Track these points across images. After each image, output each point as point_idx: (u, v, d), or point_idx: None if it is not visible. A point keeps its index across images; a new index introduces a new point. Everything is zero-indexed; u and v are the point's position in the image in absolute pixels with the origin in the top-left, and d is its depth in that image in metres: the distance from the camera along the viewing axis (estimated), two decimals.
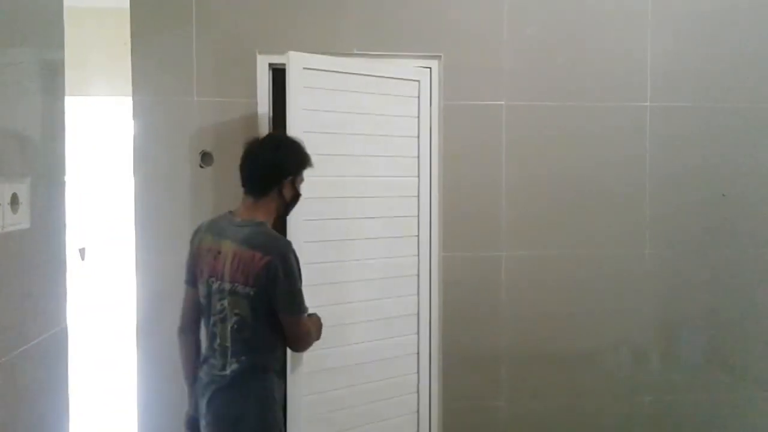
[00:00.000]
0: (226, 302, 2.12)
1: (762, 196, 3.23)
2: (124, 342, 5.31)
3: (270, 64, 2.95)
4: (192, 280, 2.23)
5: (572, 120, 3.02)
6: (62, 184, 1.80)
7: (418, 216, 2.98)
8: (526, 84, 3.06)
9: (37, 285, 1.62)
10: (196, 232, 2.26)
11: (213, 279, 2.14)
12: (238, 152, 2.89)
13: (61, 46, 1.80)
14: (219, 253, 2.14)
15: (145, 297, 2.93)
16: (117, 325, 6.22)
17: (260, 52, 2.94)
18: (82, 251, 7.00)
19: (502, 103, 3.04)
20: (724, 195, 3.17)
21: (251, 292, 2.08)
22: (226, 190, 2.94)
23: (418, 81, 2.97)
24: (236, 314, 2.11)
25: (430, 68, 3.02)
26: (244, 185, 2.22)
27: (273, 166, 2.19)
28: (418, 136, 2.98)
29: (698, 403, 3.20)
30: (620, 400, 3.14)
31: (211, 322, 2.17)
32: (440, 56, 3.01)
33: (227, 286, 2.12)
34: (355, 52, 2.99)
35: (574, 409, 3.05)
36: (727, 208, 3.18)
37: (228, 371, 2.12)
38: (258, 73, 2.94)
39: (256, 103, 2.94)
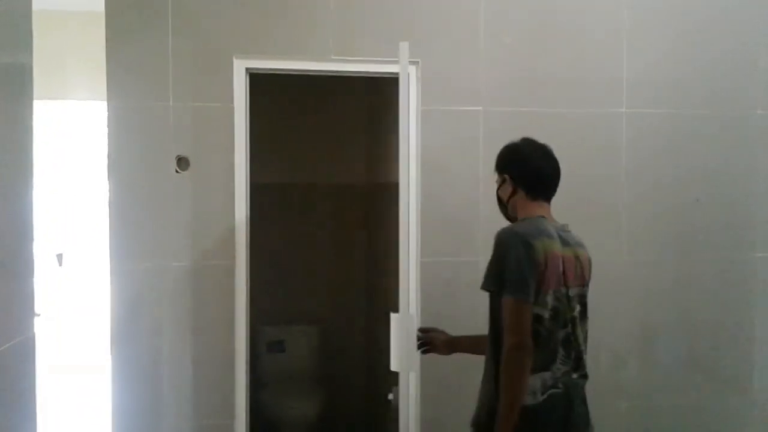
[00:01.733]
0: (578, 307, 2.15)
1: (735, 200, 3.24)
2: (101, 348, 5.23)
3: (247, 69, 2.92)
4: (534, 293, 2.04)
5: (548, 126, 3.01)
6: (29, 188, 1.76)
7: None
8: (503, 90, 3.05)
9: (1, 292, 1.58)
10: (531, 240, 2.06)
11: (565, 287, 2.11)
12: (214, 157, 2.90)
13: (28, 49, 1.76)
14: (571, 259, 2.15)
15: (120, 304, 2.88)
16: (95, 331, 6.12)
17: (237, 57, 2.90)
18: (59, 257, 6.90)
19: (480, 108, 3.03)
20: (698, 200, 3.18)
21: (587, 292, 2.20)
22: (203, 195, 2.91)
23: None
24: (586, 317, 2.18)
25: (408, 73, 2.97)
26: (545, 191, 2.26)
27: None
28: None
29: (675, 406, 3.19)
30: (597, 406, 3.12)
31: (567, 330, 2.11)
32: (418, 62, 2.99)
33: (578, 291, 2.16)
34: (333, 57, 2.96)
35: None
36: (701, 213, 3.19)
37: (586, 372, 2.16)
38: (234, 78, 2.90)
39: (233, 108, 2.90)
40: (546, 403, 2.04)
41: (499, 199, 2.34)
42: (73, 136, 5.67)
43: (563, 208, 2.98)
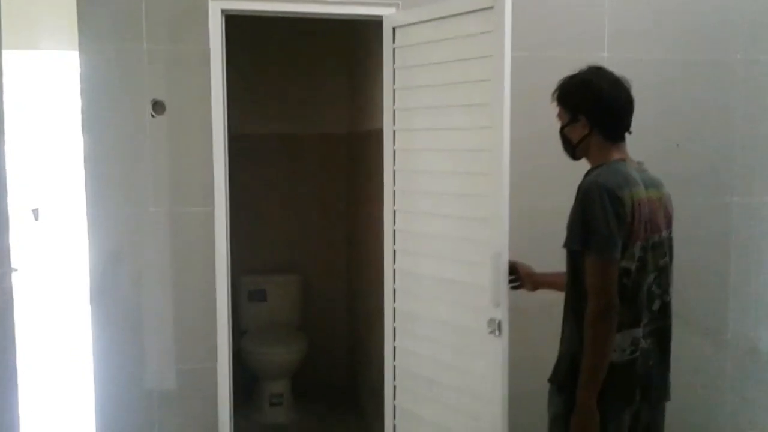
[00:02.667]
0: (667, 255, 2.02)
1: (714, 145, 3.23)
2: (80, 305, 5.17)
3: (222, 10, 2.81)
4: (622, 248, 1.89)
5: (534, 69, 2.93)
6: (1, 142, 1.68)
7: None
8: None
9: None
10: (618, 192, 1.89)
11: (652, 234, 1.96)
12: (190, 102, 2.81)
13: None
14: (656, 202, 2.00)
15: (98, 252, 2.82)
16: (73, 287, 6.05)
17: None
18: (35, 212, 6.77)
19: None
20: (677, 145, 3.16)
21: (672, 233, 2.05)
22: (180, 140, 2.84)
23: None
24: (672, 260, 2.05)
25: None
26: (623, 130, 2.06)
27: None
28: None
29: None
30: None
31: (649, 281, 1.98)
32: (398, 4, 2.90)
33: (665, 234, 2.02)
34: None
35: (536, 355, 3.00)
36: (680, 158, 3.17)
37: (671, 319, 2.06)
38: (210, 19, 2.80)
39: (209, 50, 2.80)
40: (633, 359, 1.96)
41: (566, 139, 2.11)
42: (45, 88, 5.50)
43: (539, 161, 2.94)
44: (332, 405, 4.27)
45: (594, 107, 2.02)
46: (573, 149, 2.11)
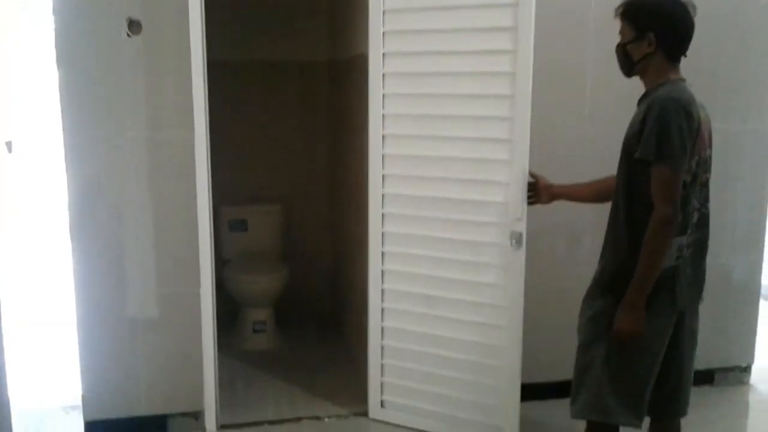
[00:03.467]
0: (709, 171, 2.12)
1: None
2: (58, 239, 5.07)
3: None
4: (687, 159, 2.00)
5: None
6: None
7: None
8: None
9: None
10: (690, 108, 1.98)
11: (703, 151, 2.07)
12: (167, 21, 2.66)
13: None
14: (706, 121, 2.09)
15: (75, 186, 2.73)
16: (49, 222, 5.93)
17: None
18: (8, 144, 6.59)
19: None
20: None
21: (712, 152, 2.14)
22: (157, 61, 2.71)
23: None
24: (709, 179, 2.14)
25: None
26: (684, 52, 2.10)
27: None
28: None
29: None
30: (558, 275, 3.18)
31: (701, 192, 2.10)
32: None
33: (709, 152, 2.11)
34: None
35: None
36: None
37: (708, 234, 2.15)
38: None
39: None
40: (677, 265, 2.06)
41: (626, 56, 2.13)
42: (17, 17, 5.26)
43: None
44: (315, 332, 4.27)
45: (664, 26, 2.05)
46: (631, 66, 2.14)
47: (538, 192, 2.62)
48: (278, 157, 4.27)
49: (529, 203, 2.63)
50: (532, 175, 2.62)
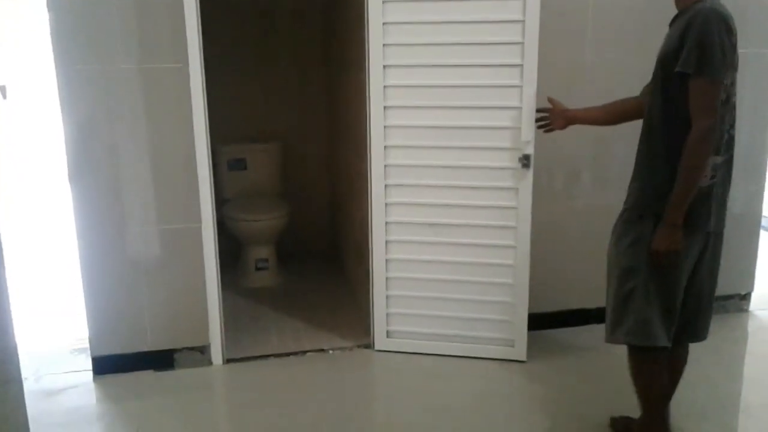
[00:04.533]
0: (736, 93, 2.04)
1: None
2: (57, 182, 4.97)
3: None
4: (726, 73, 1.95)
5: None
6: None
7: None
8: None
9: None
10: (731, 23, 1.92)
11: (735, 70, 2.01)
12: None
13: None
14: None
15: (71, 127, 2.63)
16: (48, 165, 5.82)
17: None
18: (2, 89, 6.40)
19: None
20: None
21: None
22: None
23: None
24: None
25: None
26: None
27: None
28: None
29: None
30: (555, 205, 3.14)
31: (727, 114, 2.01)
32: None
33: (736, 75, 2.02)
34: None
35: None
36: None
37: (733, 156, 2.08)
38: None
39: None
40: (712, 185, 2.01)
41: None
42: None
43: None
44: (317, 267, 4.23)
45: None
46: None
47: (553, 117, 2.58)
48: (275, 96, 4.16)
49: (546, 130, 2.61)
50: (549, 100, 2.58)
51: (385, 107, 2.78)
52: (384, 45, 2.72)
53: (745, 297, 3.47)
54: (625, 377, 2.20)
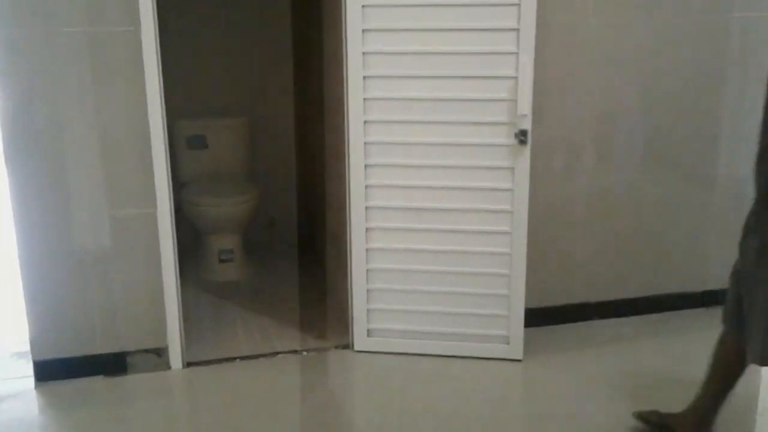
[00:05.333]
0: None
1: None
2: None
3: None
4: None
5: None
6: None
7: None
8: None
9: None
10: None
11: None
12: None
13: None
14: None
15: (8, 99, 2.62)
16: None
17: None
18: None
19: None
20: None
21: None
22: None
23: None
24: None
25: None
26: None
27: None
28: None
29: (630, 187, 3.26)
30: (555, 186, 3.20)
31: None
32: None
33: None
34: None
35: None
36: None
37: None
38: None
39: None
40: None
41: None
42: None
43: None
44: (288, 259, 4.27)
45: None
46: None
47: None
48: (239, 65, 4.17)
49: None
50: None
51: (364, 77, 2.80)
52: (363, 6, 2.73)
53: None
54: (633, 378, 2.21)
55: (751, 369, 2.98)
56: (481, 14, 2.71)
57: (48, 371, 2.84)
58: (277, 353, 3.09)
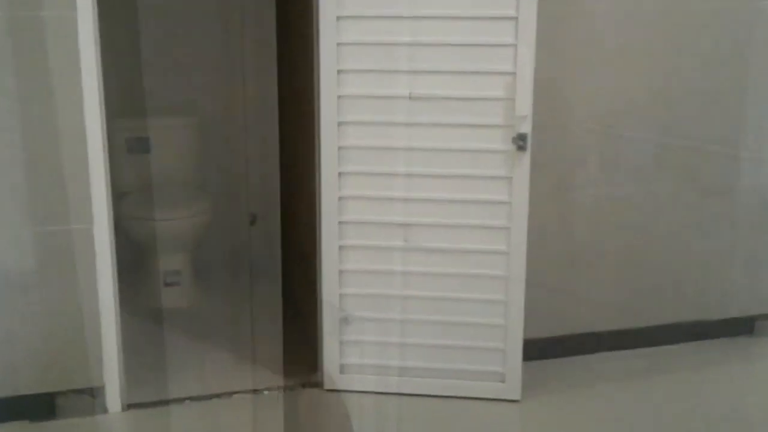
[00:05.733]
0: None
1: None
2: None
3: None
4: None
5: None
6: None
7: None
8: None
9: None
10: None
11: None
12: None
13: None
14: None
15: None
16: None
17: None
18: None
19: None
20: None
21: None
22: None
23: None
24: None
25: None
26: None
27: None
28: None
29: (641, 200, 3.29)
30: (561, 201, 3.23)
31: None
32: None
33: None
34: None
35: None
36: None
37: None
38: None
39: None
40: None
41: None
42: None
43: None
44: (245, 283, 4.26)
45: None
46: None
47: None
48: (189, 56, 4.16)
49: None
50: None
51: (338, 71, 2.76)
52: None
53: None
54: (647, 419, 2.22)
55: None
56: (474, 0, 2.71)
57: None
58: (234, 393, 3.03)
